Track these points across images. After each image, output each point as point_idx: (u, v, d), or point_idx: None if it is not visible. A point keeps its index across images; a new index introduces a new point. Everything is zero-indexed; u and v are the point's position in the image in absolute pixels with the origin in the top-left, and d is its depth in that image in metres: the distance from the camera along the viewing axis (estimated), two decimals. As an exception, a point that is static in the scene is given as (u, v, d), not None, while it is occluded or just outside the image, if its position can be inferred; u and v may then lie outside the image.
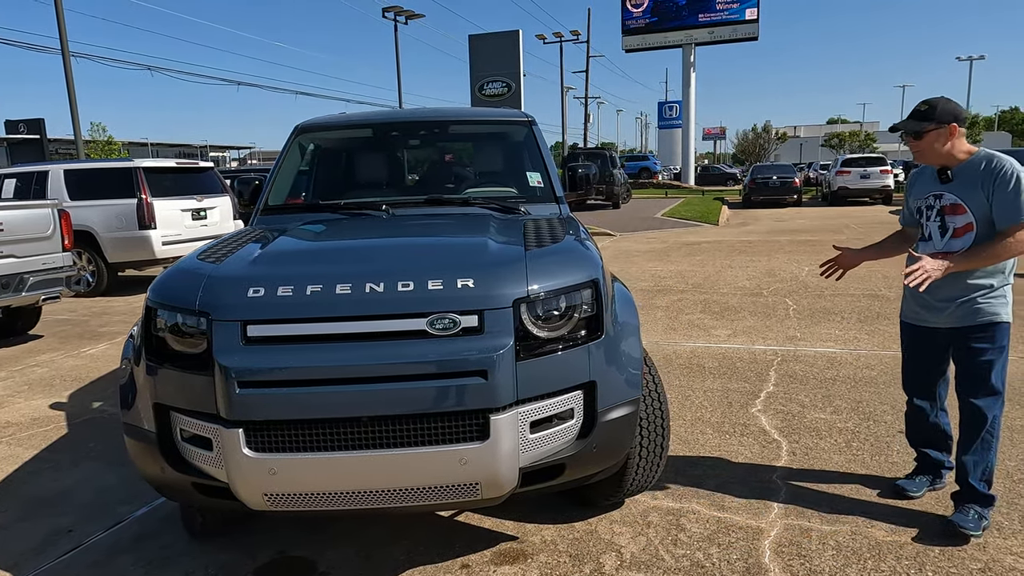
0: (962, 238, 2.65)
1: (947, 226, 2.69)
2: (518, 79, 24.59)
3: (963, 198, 2.64)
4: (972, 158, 2.66)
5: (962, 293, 2.67)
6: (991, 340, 2.67)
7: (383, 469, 2.16)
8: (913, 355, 2.98)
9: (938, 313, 2.75)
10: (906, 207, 2.97)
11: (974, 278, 2.65)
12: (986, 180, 2.58)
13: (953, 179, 2.68)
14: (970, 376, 2.72)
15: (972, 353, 2.69)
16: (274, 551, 2.76)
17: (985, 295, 2.66)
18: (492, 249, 2.50)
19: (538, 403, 2.26)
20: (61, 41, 12.98)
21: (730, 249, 11.71)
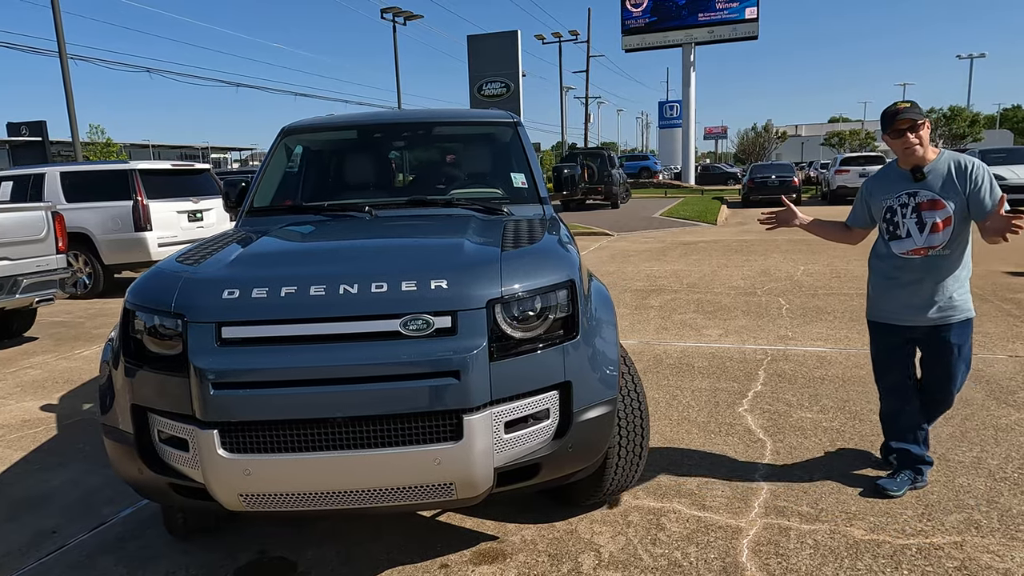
0: (942, 232, 2.78)
1: (925, 222, 2.81)
2: (517, 79, 24.63)
3: (941, 194, 2.79)
4: (940, 157, 2.86)
5: (943, 291, 2.82)
6: (966, 335, 2.87)
7: (357, 470, 2.17)
8: (890, 356, 3.05)
9: (920, 312, 2.86)
10: (861, 209, 3.10)
11: (953, 275, 2.81)
12: (961, 179, 2.78)
13: (927, 176, 2.83)
14: (946, 370, 2.89)
15: (950, 348, 2.85)
16: (255, 551, 2.77)
17: (960, 291, 2.84)
18: (468, 250, 2.51)
19: (513, 403, 2.27)
20: (59, 43, 13.01)
21: (727, 248, 11.71)
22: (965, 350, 2.88)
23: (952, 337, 2.85)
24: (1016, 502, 2.88)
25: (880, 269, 3.03)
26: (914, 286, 2.85)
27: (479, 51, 24.55)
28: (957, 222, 2.79)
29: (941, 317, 2.84)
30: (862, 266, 9.13)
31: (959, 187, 2.78)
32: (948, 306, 2.83)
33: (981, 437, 3.55)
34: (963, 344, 2.87)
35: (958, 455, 3.35)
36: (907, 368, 3.02)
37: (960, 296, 2.84)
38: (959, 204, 2.78)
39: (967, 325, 2.87)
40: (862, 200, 3.11)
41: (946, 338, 2.85)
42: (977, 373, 4.56)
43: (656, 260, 10.71)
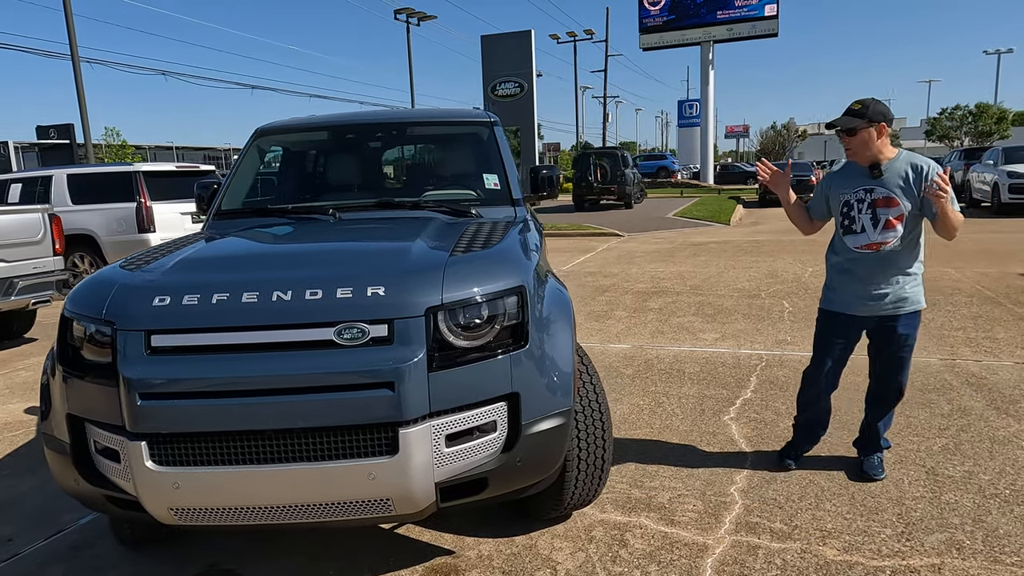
0: (894, 229, 2.89)
1: (879, 218, 2.90)
2: (531, 79, 24.48)
3: (895, 192, 2.88)
4: (898, 157, 2.94)
5: (895, 285, 2.93)
6: (913, 326, 3.00)
7: (288, 484, 2.09)
8: (834, 345, 3.14)
9: (872, 304, 2.97)
10: (821, 202, 3.15)
11: (905, 269, 2.93)
12: (916, 179, 2.87)
13: (883, 174, 2.90)
14: (895, 360, 3.04)
15: (900, 339, 2.98)
16: (205, 564, 2.70)
17: (911, 283, 2.95)
18: (412, 255, 2.42)
19: (455, 415, 2.17)
20: (71, 47, 13.18)
21: (736, 250, 11.49)
22: (912, 340, 3.02)
23: (900, 327, 2.97)
24: (1004, 521, 2.72)
25: (835, 263, 3.09)
26: (867, 280, 2.96)
27: (493, 51, 24.42)
28: (909, 220, 2.89)
29: (892, 309, 2.96)
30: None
31: (914, 187, 2.87)
32: (899, 298, 2.94)
33: (975, 450, 3.38)
34: (910, 334, 3.00)
35: (948, 469, 3.19)
36: (844, 360, 3.18)
37: (912, 289, 2.95)
38: (913, 203, 2.87)
39: (915, 316, 2.99)
40: (822, 193, 3.16)
41: (894, 328, 2.97)
42: (980, 381, 4.37)
43: (663, 261, 10.53)
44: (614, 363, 5.19)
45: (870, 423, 3.20)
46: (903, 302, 2.95)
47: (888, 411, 3.18)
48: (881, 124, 2.87)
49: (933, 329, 5.70)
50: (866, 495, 2.98)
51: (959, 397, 4.12)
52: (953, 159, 20.70)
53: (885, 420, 3.19)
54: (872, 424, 3.19)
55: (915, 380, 4.42)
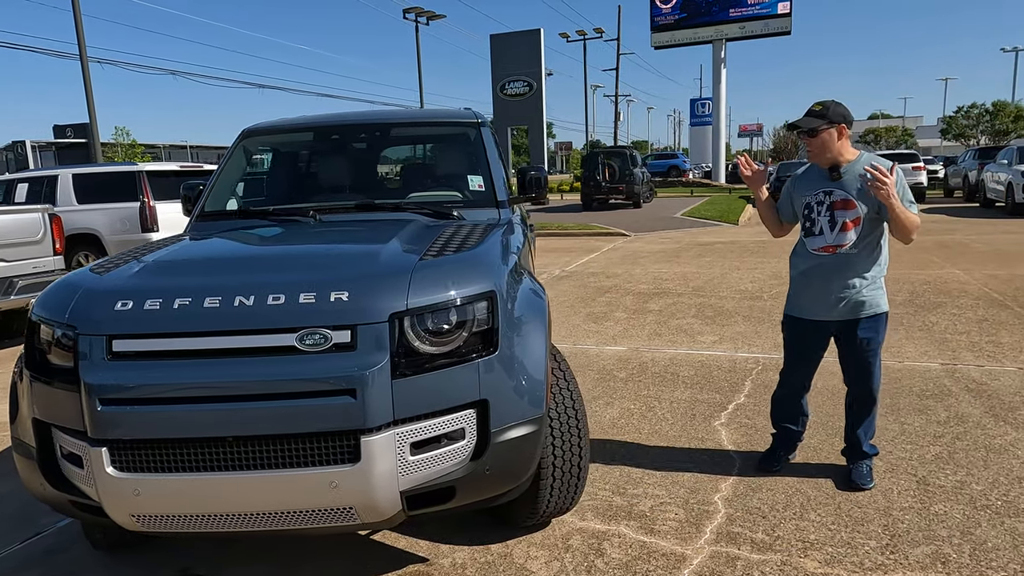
0: (851, 231, 2.87)
1: (836, 220, 2.89)
2: (540, 78, 24.44)
3: (853, 194, 2.86)
4: (858, 159, 2.91)
5: (852, 288, 2.90)
6: (877, 330, 2.97)
7: (248, 491, 2.06)
8: (801, 348, 3.15)
9: (830, 308, 2.95)
10: (787, 204, 3.15)
11: (863, 273, 2.90)
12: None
13: (842, 176, 2.89)
14: (859, 364, 3.01)
15: (861, 343, 2.96)
16: (177, 568, 2.68)
17: (869, 287, 2.92)
18: (380, 260, 2.38)
19: (420, 423, 2.13)
20: (80, 47, 13.31)
21: (743, 250, 11.38)
22: (875, 344, 2.98)
23: (861, 331, 2.95)
24: (994, 534, 2.64)
25: (796, 265, 3.10)
26: (824, 282, 2.95)
27: (502, 50, 24.40)
28: (866, 223, 2.88)
29: (851, 313, 2.93)
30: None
31: (871, 190, 2.80)
32: (857, 302, 2.91)
33: (970, 459, 3.29)
34: (872, 338, 2.97)
35: (940, 479, 3.11)
36: (812, 363, 3.16)
37: (870, 293, 2.92)
38: (871, 206, 2.85)
39: (876, 320, 2.96)
40: (788, 195, 3.16)
41: (855, 332, 2.95)
42: (980, 387, 4.27)
43: (667, 262, 10.44)
44: (608, 366, 5.13)
45: (850, 430, 3.15)
46: (862, 306, 2.92)
47: (866, 417, 3.10)
48: (841, 125, 2.86)
49: (936, 333, 5.59)
50: (852, 505, 2.91)
51: (957, 404, 4.02)
52: (967, 159, 20.40)
53: (865, 426, 3.12)
54: (852, 430, 3.14)
55: (913, 386, 4.34)
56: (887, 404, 4.05)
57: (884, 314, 2.98)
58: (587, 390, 4.59)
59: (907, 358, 4.96)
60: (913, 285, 7.63)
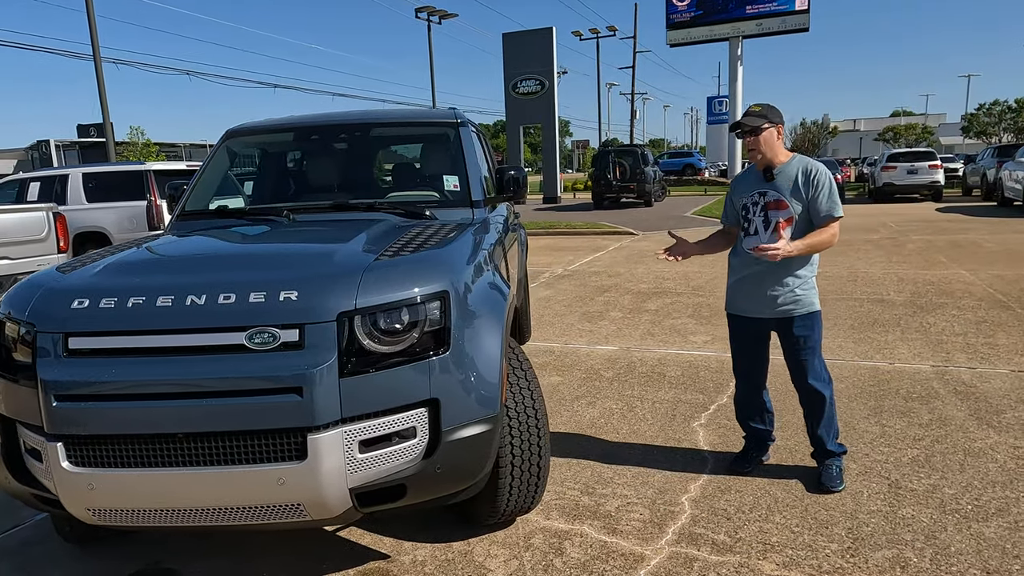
0: (784, 231, 2.94)
1: (770, 220, 2.97)
2: (552, 77, 24.36)
3: (785, 195, 2.95)
4: (791, 161, 3.00)
5: (785, 287, 2.98)
6: (812, 327, 3.03)
7: (199, 487, 2.10)
8: (741, 345, 3.22)
9: (765, 306, 3.03)
10: (729, 207, 3.21)
11: (792, 272, 2.97)
12: (805, 183, 2.93)
13: (776, 178, 2.98)
14: (799, 363, 3.06)
15: (798, 341, 3.02)
16: (148, 560, 2.74)
17: (801, 286, 2.99)
18: (334, 259, 2.41)
19: (369, 421, 2.16)
20: (93, 48, 13.56)
21: (749, 249, 11.28)
22: (811, 342, 3.03)
23: (796, 330, 3.01)
24: (958, 539, 2.61)
25: (733, 264, 3.17)
26: (758, 281, 3.02)
27: (514, 49, 24.36)
28: (798, 223, 2.95)
29: (785, 311, 3.00)
30: (882, 269, 8.66)
31: (803, 191, 2.93)
32: (790, 301, 2.98)
33: (946, 463, 3.25)
34: (808, 336, 3.02)
35: (912, 482, 3.07)
36: (757, 359, 3.20)
37: (803, 291, 2.99)
38: (802, 207, 2.94)
39: (809, 319, 3.02)
40: (729, 198, 3.23)
41: (790, 330, 3.02)
42: (968, 389, 4.22)
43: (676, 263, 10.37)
44: (596, 366, 5.13)
45: (812, 431, 3.15)
46: (795, 304, 2.99)
47: (823, 417, 3.09)
48: (779, 125, 2.97)
49: (932, 334, 5.52)
50: (819, 507, 2.89)
51: (942, 406, 3.97)
52: (985, 157, 20.04)
53: (825, 426, 3.10)
54: (814, 431, 3.13)
55: (900, 388, 4.29)
56: (871, 406, 4.01)
57: (817, 312, 3.05)
58: (571, 390, 4.60)
59: (899, 360, 4.90)
60: (916, 285, 7.53)
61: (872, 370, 4.69)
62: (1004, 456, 3.29)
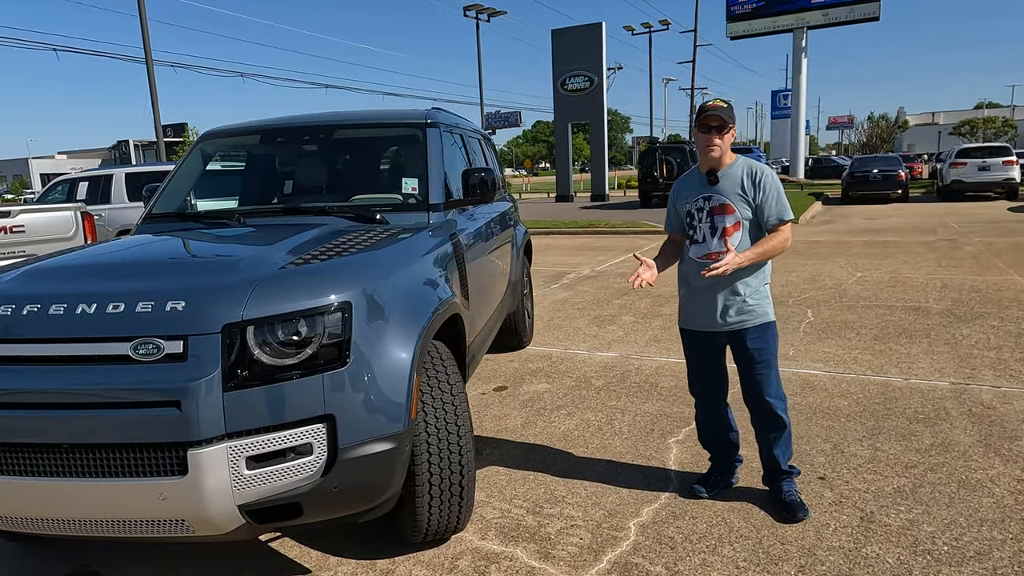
0: (731, 237, 2.76)
1: (717, 226, 2.79)
2: (601, 73, 24.00)
3: (731, 199, 2.78)
4: (735, 163, 2.83)
5: (736, 296, 2.79)
6: (766, 339, 2.83)
7: (83, 498, 2.07)
8: (696, 360, 3.02)
9: (716, 318, 2.83)
10: (673, 213, 3.04)
11: (744, 281, 2.79)
12: (750, 186, 2.76)
13: (720, 181, 2.80)
14: (752, 377, 2.86)
15: (752, 354, 2.82)
16: (78, 564, 2.75)
17: (753, 295, 2.81)
18: (236, 268, 2.35)
19: (258, 437, 2.08)
20: (145, 52, 14.16)
21: (790, 251, 10.76)
22: (766, 355, 2.83)
23: (749, 342, 2.82)
24: (922, 585, 2.34)
25: (682, 274, 2.99)
26: (708, 291, 2.84)
27: (563, 45, 24.10)
28: (746, 228, 2.79)
29: (738, 322, 2.82)
30: (927, 273, 8.09)
31: (749, 194, 2.77)
32: (742, 311, 2.81)
33: (934, 495, 2.95)
34: (762, 349, 2.82)
35: (888, 516, 2.79)
36: (714, 375, 3.00)
37: (755, 301, 2.81)
38: (747, 211, 2.78)
39: (763, 330, 2.83)
40: (672, 204, 3.06)
41: (744, 343, 2.83)
42: (985, 411, 3.84)
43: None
44: (589, 373, 4.94)
45: (764, 452, 2.96)
46: (748, 315, 2.81)
47: (778, 437, 2.89)
48: (733, 128, 2.81)
49: (962, 348, 5.07)
50: (775, 540, 2.66)
51: (949, 430, 3.62)
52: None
53: (781, 448, 2.90)
54: (768, 452, 2.93)
55: (908, 408, 3.95)
56: (869, 427, 3.70)
57: (771, 323, 2.86)
58: (555, 399, 4.44)
59: (916, 375, 4.52)
60: (961, 292, 6.99)
61: (882, 386, 4.34)
62: (1003, 490, 2.96)
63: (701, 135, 2.77)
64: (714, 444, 3.10)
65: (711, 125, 2.73)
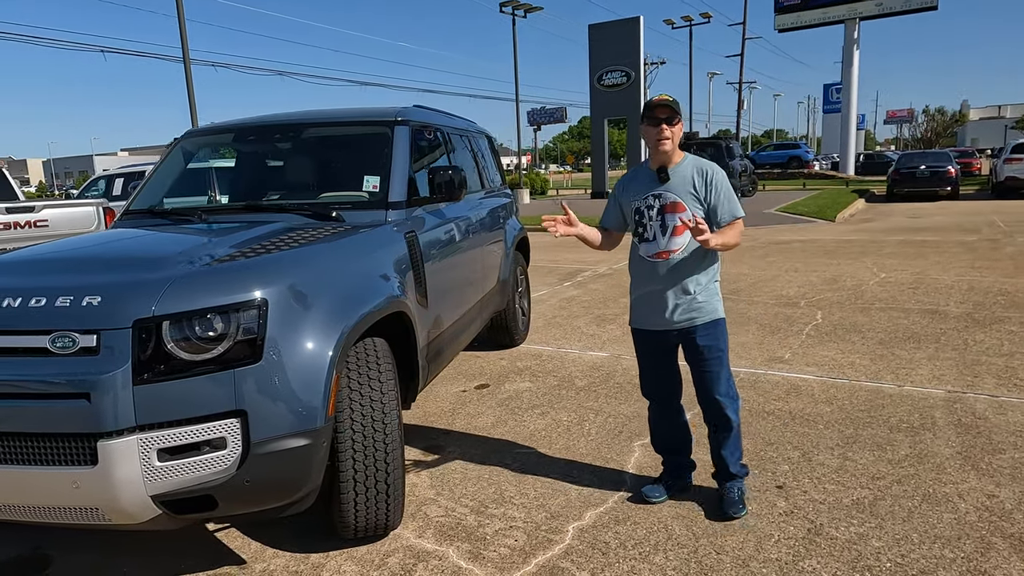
0: (682, 235, 2.73)
1: (667, 224, 2.75)
2: (639, 68, 23.66)
3: (682, 197, 2.74)
4: (684, 160, 2.80)
5: (686, 295, 2.76)
6: (716, 336, 2.80)
7: (2, 484, 2.15)
8: (648, 360, 2.98)
9: (667, 316, 2.80)
10: (613, 210, 2.99)
11: (695, 279, 2.77)
12: (701, 184, 2.74)
13: (671, 178, 2.76)
14: (703, 375, 2.83)
15: (702, 351, 2.80)
16: (31, 546, 2.86)
17: (705, 295, 2.78)
18: (158, 263, 2.40)
19: (170, 430, 2.13)
20: (183, 51, 14.64)
21: (818, 250, 10.43)
22: (716, 352, 2.81)
23: (699, 339, 2.79)
24: (852, 602, 2.24)
25: (633, 272, 2.95)
26: (659, 290, 2.82)
27: (600, 40, 23.84)
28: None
29: (687, 320, 2.79)
30: (956, 275, 7.73)
31: (700, 193, 2.75)
32: (692, 308, 2.78)
33: (893, 508, 2.81)
34: (713, 345, 2.80)
35: (837, 529, 2.68)
36: (666, 375, 2.97)
37: (704, 298, 2.79)
38: (697, 209, 2.74)
39: (714, 327, 2.80)
40: (615, 200, 3.00)
41: (694, 340, 2.80)
42: (975, 421, 3.64)
43: (723, 262, 9.77)
44: (574, 373, 4.89)
45: (714, 451, 2.94)
46: (698, 313, 2.78)
47: (727, 437, 2.88)
48: (681, 122, 2.78)
49: (972, 354, 4.83)
50: (710, 549, 2.58)
51: (931, 440, 3.45)
52: None
53: (730, 447, 2.89)
54: (717, 452, 2.91)
55: (891, 416, 3.78)
56: (845, 435, 3.56)
57: (721, 320, 2.84)
58: (533, 398, 4.41)
59: (911, 381, 4.33)
60: (985, 296, 6.65)
61: (872, 393, 4.16)
62: (969, 505, 2.80)
63: (651, 128, 2.73)
64: (666, 447, 3.06)
65: (660, 117, 2.71)
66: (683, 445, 3.04)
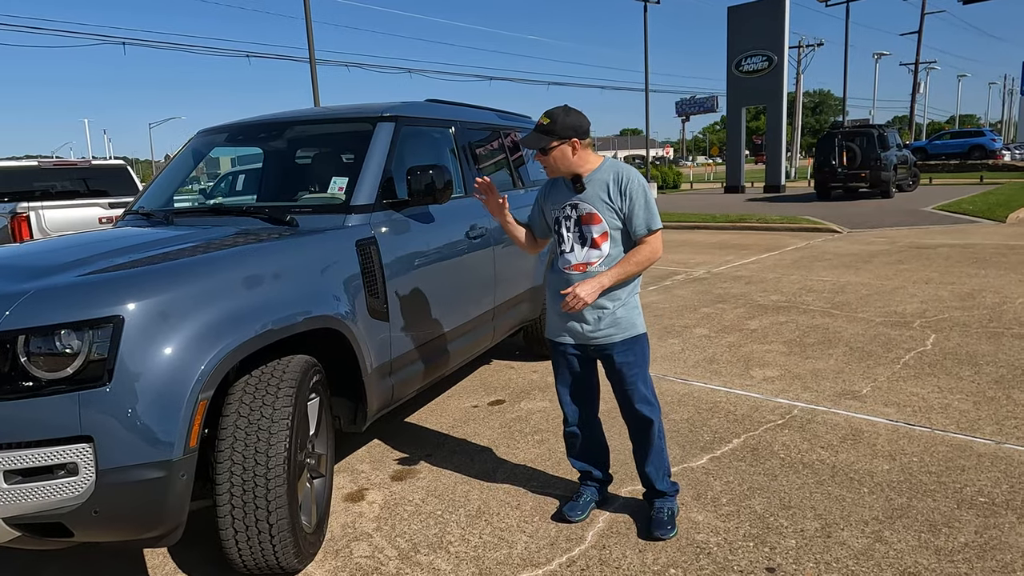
0: (600, 248, 2.61)
1: (585, 235, 2.63)
2: (782, 51, 21.77)
3: (597, 207, 2.61)
4: (602, 167, 2.64)
5: (603, 309, 2.62)
6: (636, 352, 2.68)
7: None
8: (563, 373, 2.83)
9: (582, 331, 2.67)
10: (537, 216, 2.85)
11: (612, 294, 2.61)
12: (616, 193, 2.58)
13: (586, 187, 2.62)
14: (626, 390, 2.71)
15: (622, 367, 2.68)
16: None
17: (623, 309, 2.64)
18: (23, 275, 2.28)
19: (15, 452, 2.01)
20: (310, 52, 15.42)
21: (967, 257, 8.87)
22: (635, 367, 2.68)
23: (617, 356, 2.67)
24: None
25: (550, 283, 2.79)
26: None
27: (740, 23, 22.15)
28: (615, 237, 2.61)
29: (606, 336, 2.65)
30: None
31: (615, 203, 2.58)
32: (610, 324, 2.64)
33: None
34: (632, 362, 2.67)
35: None
36: (583, 389, 2.84)
37: (623, 313, 2.65)
38: (614, 220, 2.60)
39: (632, 343, 2.66)
40: (538, 207, 2.84)
41: (611, 356, 2.68)
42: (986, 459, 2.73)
43: (845, 268, 8.59)
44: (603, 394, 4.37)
45: (640, 467, 2.79)
46: (615, 328, 2.63)
47: (650, 450, 2.74)
48: (573, 140, 2.56)
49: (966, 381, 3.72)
50: None
51: (1009, 526, 2.62)
52: None
53: (654, 462, 2.74)
54: (642, 468, 2.77)
55: (967, 485, 2.98)
56: (895, 505, 2.82)
57: (642, 335, 2.69)
58: (541, 421, 3.98)
59: (1016, 438, 3.38)
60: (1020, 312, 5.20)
61: (957, 448, 3.30)
62: None
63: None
64: (584, 465, 2.92)
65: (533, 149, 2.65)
66: (599, 459, 2.92)
